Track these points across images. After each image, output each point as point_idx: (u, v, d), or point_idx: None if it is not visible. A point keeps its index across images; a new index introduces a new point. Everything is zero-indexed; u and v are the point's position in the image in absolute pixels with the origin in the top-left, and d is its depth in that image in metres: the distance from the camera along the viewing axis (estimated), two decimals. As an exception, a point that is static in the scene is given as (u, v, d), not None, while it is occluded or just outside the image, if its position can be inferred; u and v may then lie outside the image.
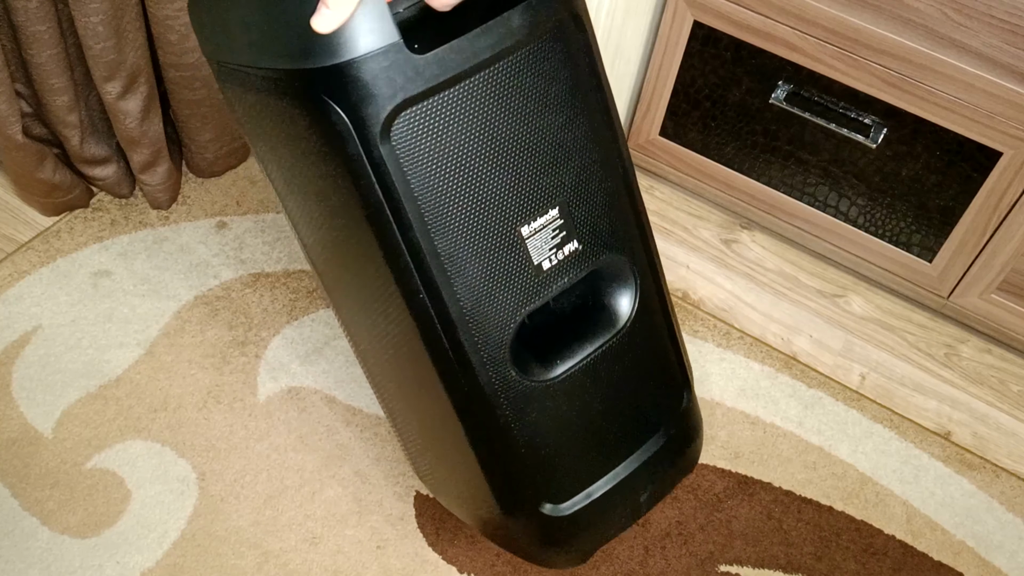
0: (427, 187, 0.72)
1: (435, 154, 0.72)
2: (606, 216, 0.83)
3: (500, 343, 0.80)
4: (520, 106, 0.74)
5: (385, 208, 0.72)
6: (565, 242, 0.81)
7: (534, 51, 0.74)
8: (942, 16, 1.11)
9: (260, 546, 1.07)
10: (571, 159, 0.79)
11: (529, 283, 0.80)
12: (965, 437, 1.27)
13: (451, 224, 0.74)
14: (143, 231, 1.37)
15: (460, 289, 0.77)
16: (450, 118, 0.71)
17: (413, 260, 0.75)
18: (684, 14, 1.30)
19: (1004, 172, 1.18)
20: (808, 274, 1.45)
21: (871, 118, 1.24)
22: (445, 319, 0.78)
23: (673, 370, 0.97)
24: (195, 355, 1.24)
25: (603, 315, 0.89)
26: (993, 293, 1.30)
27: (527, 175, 0.76)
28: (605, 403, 0.91)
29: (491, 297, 0.78)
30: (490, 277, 0.78)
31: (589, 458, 0.93)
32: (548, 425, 0.87)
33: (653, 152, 1.49)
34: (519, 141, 0.75)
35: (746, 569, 1.11)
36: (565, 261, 0.81)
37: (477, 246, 0.76)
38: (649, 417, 0.97)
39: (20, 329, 1.24)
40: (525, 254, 0.79)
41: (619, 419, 0.93)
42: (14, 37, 1.18)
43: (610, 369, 0.90)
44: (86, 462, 1.12)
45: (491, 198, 0.75)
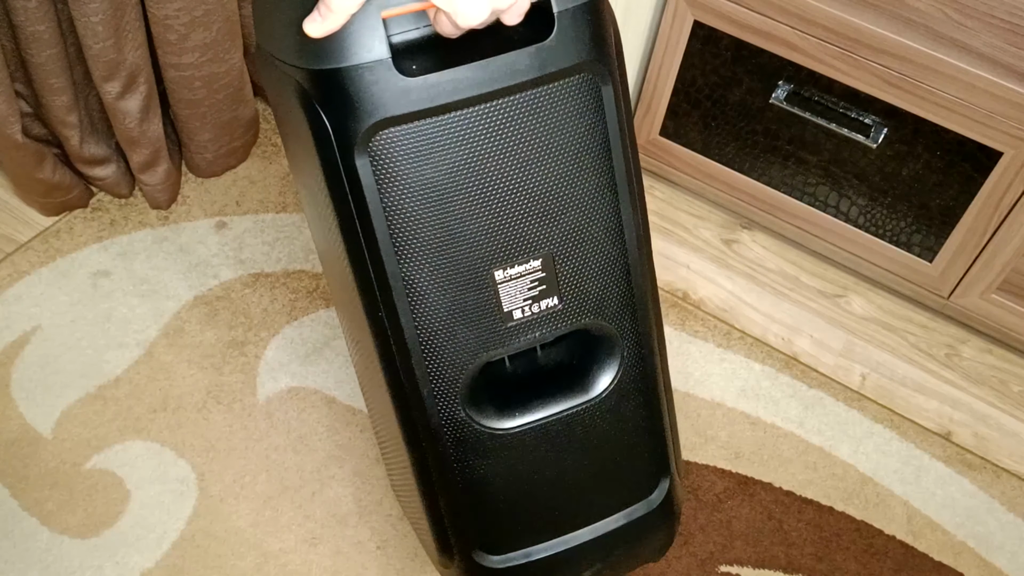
0: (399, 208, 0.70)
1: (413, 178, 0.70)
2: (598, 282, 0.79)
3: (453, 381, 0.78)
4: (515, 149, 0.71)
5: (355, 221, 0.71)
6: (543, 296, 0.78)
7: (542, 96, 0.71)
8: (943, 16, 1.11)
9: (259, 547, 1.07)
10: (565, 215, 0.75)
11: (494, 328, 0.77)
12: (966, 437, 1.27)
13: (419, 250, 0.72)
14: (143, 231, 1.37)
15: (419, 317, 0.75)
16: (434, 145, 0.69)
17: (376, 277, 0.73)
18: (684, 14, 1.29)
19: (1005, 172, 1.18)
20: (809, 274, 1.44)
21: (871, 118, 1.24)
22: (400, 344, 0.76)
23: (649, 457, 0.92)
24: (195, 355, 1.23)
25: (576, 380, 0.85)
26: (994, 293, 1.30)
27: (511, 219, 0.73)
28: (561, 469, 0.87)
29: (450, 332, 0.76)
30: (452, 312, 0.75)
31: (534, 518, 0.89)
32: (493, 475, 0.84)
33: (653, 152, 1.48)
34: (508, 183, 0.72)
35: (746, 569, 1.11)
36: (540, 316, 0.78)
37: (443, 278, 0.74)
38: (612, 496, 0.92)
39: (19, 329, 1.24)
40: (495, 298, 0.76)
41: (575, 489, 0.89)
42: (14, 37, 1.18)
43: (573, 437, 0.85)
44: (85, 462, 1.12)
45: (467, 234, 0.73)
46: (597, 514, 0.92)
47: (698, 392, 1.27)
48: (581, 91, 0.72)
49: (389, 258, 0.72)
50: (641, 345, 0.85)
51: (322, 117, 0.68)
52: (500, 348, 0.78)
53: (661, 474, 0.94)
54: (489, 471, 0.84)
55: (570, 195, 0.75)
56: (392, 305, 0.74)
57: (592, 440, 0.86)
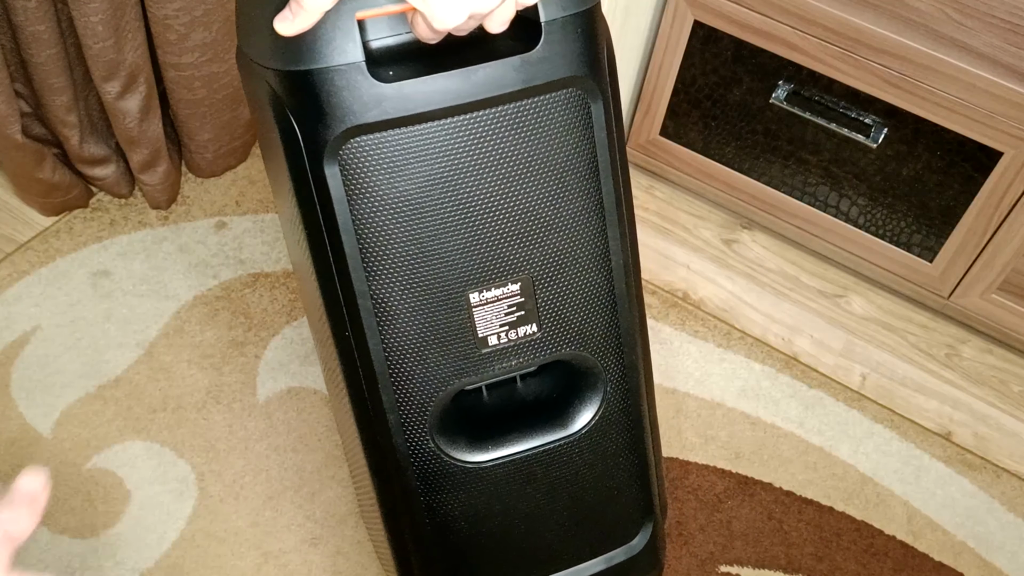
0: (370, 222, 0.66)
1: (385, 190, 0.65)
2: (580, 311, 0.74)
3: (422, 408, 0.73)
4: (495, 164, 0.67)
5: (324, 233, 0.67)
6: (521, 323, 0.73)
7: (526, 110, 0.66)
8: (943, 16, 1.11)
9: (260, 547, 1.07)
10: (547, 237, 0.71)
11: (468, 354, 0.72)
12: (966, 437, 1.27)
13: (389, 267, 0.68)
14: (142, 231, 1.37)
15: (388, 338, 0.70)
16: (409, 157, 0.65)
17: (344, 295, 0.69)
18: (684, 14, 1.29)
19: (1005, 172, 1.18)
20: (809, 274, 1.44)
21: (872, 118, 1.24)
22: (368, 366, 0.71)
23: (631, 499, 0.87)
24: (194, 355, 1.23)
25: (558, 414, 0.80)
26: (994, 293, 1.30)
27: (489, 239, 0.69)
28: (536, 509, 0.82)
29: (421, 356, 0.71)
30: (423, 335, 0.71)
31: (506, 560, 0.84)
32: (463, 512, 0.79)
33: (653, 152, 1.48)
34: (487, 201, 0.68)
35: (746, 570, 1.11)
36: (517, 343, 0.73)
37: (414, 298, 0.69)
38: (590, 539, 0.87)
39: (19, 329, 1.24)
40: (469, 322, 0.71)
41: (551, 531, 0.84)
42: (14, 37, 1.18)
43: (550, 475, 0.80)
44: (85, 463, 1.12)
45: (441, 253, 0.68)
46: (574, 558, 0.87)
47: (698, 392, 1.27)
48: (568, 107, 0.68)
49: (358, 274, 0.68)
50: (626, 380, 0.80)
51: (292, 122, 0.64)
52: (474, 376, 0.73)
53: (644, 518, 0.88)
54: (459, 507, 0.79)
55: (553, 217, 0.71)
56: (360, 325, 0.69)
57: (571, 479, 0.81)
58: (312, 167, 0.65)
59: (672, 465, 1.18)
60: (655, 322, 1.34)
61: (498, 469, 0.78)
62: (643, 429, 0.84)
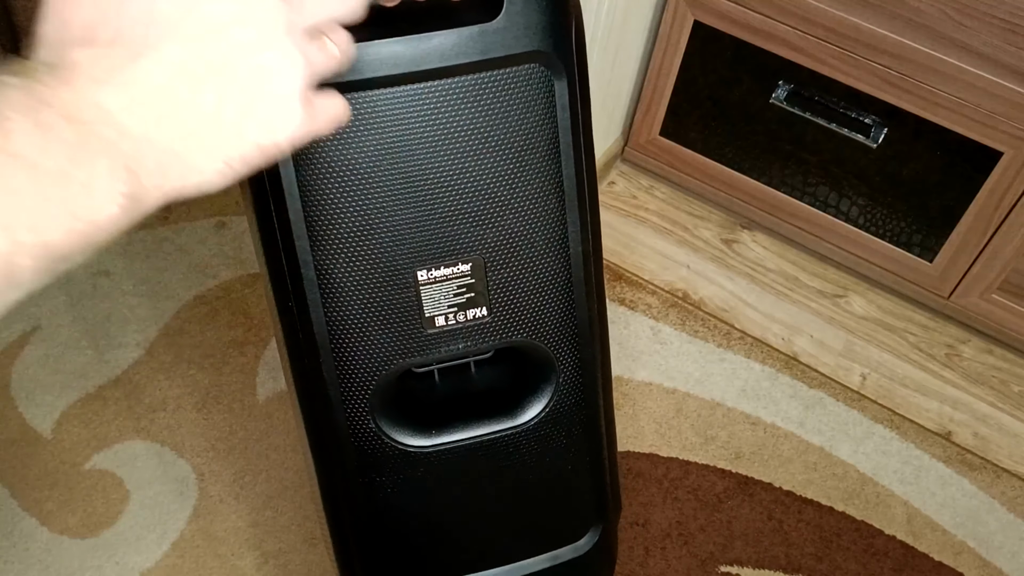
0: (316, 188, 0.64)
1: (333, 155, 0.63)
2: (534, 297, 0.72)
3: (364, 386, 0.71)
4: (449, 138, 0.65)
5: (270, 198, 0.65)
6: (471, 305, 0.71)
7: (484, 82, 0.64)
8: (943, 16, 1.11)
9: (260, 547, 1.07)
10: (502, 218, 0.69)
11: (414, 333, 0.70)
12: (966, 438, 1.27)
13: (335, 237, 0.66)
14: (142, 231, 1.37)
15: (331, 311, 0.68)
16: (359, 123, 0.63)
17: (288, 263, 0.67)
18: (685, 14, 1.29)
19: (1005, 172, 1.18)
20: (809, 274, 1.44)
21: (872, 118, 1.24)
22: (310, 339, 0.69)
23: (580, 498, 0.83)
24: (194, 355, 1.23)
25: (508, 404, 0.78)
26: (994, 293, 1.30)
27: (440, 216, 0.67)
28: (481, 500, 0.80)
29: (364, 333, 0.69)
30: (367, 309, 0.69)
31: (447, 551, 0.83)
32: (404, 498, 0.77)
33: (653, 152, 1.48)
34: (439, 175, 0.66)
35: (746, 570, 1.10)
36: (466, 326, 0.71)
37: (360, 271, 0.67)
38: (536, 536, 0.86)
39: (19, 329, 1.24)
40: (416, 300, 0.69)
41: (495, 523, 0.82)
42: (14, 37, 1.18)
43: (496, 466, 0.78)
44: (85, 462, 1.12)
45: (389, 225, 0.66)
46: (518, 553, 0.85)
47: (698, 392, 1.27)
48: (530, 83, 0.66)
49: (302, 243, 0.66)
50: (581, 373, 0.78)
51: None
52: (419, 356, 0.71)
53: (594, 518, 0.86)
54: (399, 491, 0.77)
55: (509, 197, 0.68)
56: (303, 295, 0.68)
57: (517, 472, 0.79)
58: None
59: (672, 465, 1.18)
60: (655, 322, 1.34)
61: (441, 456, 0.76)
62: (597, 425, 0.82)
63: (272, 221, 0.66)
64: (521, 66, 0.65)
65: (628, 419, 1.22)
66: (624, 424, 1.22)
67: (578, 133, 0.70)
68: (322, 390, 0.71)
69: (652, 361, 1.29)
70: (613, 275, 1.40)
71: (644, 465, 1.18)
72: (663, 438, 1.21)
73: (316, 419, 0.74)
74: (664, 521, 1.13)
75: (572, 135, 0.69)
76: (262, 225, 0.67)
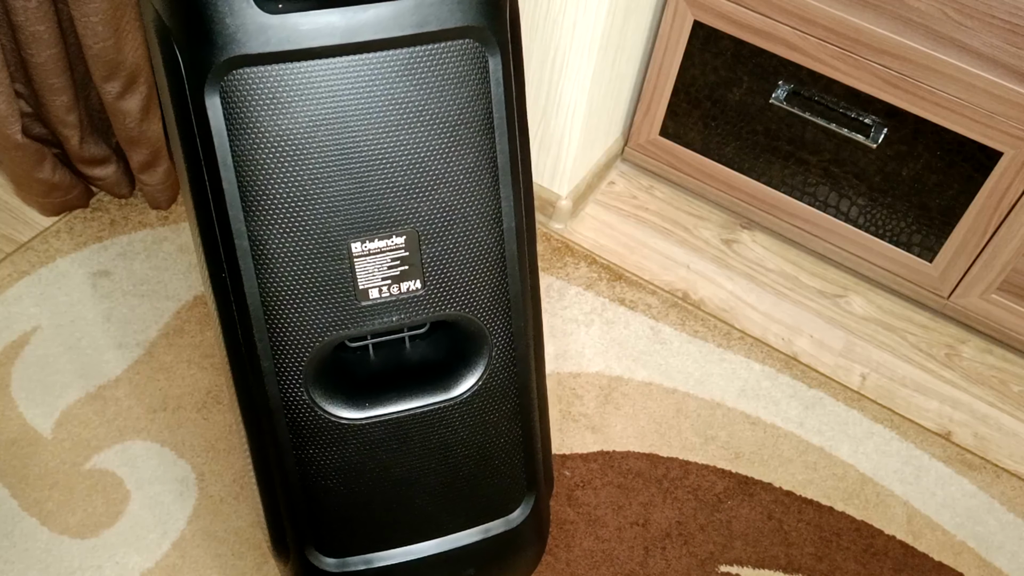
0: (251, 159, 0.64)
1: (267, 126, 0.63)
2: (467, 270, 0.73)
3: (298, 358, 0.71)
4: (384, 110, 0.65)
5: (203, 167, 0.65)
6: (405, 278, 0.72)
7: (419, 56, 0.65)
8: (943, 16, 1.11)
9: (260, 547, 1.07)
10: (435, 191, 0.69)
11: (347, 306, 0.71)
12: (966, 438, 1.27)
13: (269, 207, 0.66)
14: (142, 231, 1.37)
15: (265, 282, 0.68)
16: (293, 93, 0.63)
17: (221, 233, 0.67)
18: (684, 14, 1.29)
19: (1005, 172, 1.18)
20: (809, 274, 1.44)
21: (871, 118, 1.24)
22: (243, 310, 0.69)
23: (513, 471, 0.85)
24: (194, 355, 1.23)
25: (441, 378, 0.78)
26: (994, 293, 1.30)
27: (374, 187, 0.67)
28: (413, 472, 0.80)
29: (298, 304, 0.70)
30: (301, 281, 0.69)
31: (378, 523, 0.83)
32: (335, 468, 0.77)
33: (653, 152, 1.48)
34: (373, 147, 0.66)
35: (746, 569, 1.11)
36: (400, 299, 0.72)
37: (293, 242, 0.67)
38: (468, 509, 0.85)
39: (19, 329, 1.24)
40: (350, 272, 0.70)
41: (427, 496, 0.82)
42: (14, 37, 1.18)
43: (429, 439, 0.78)
44: (85, 462, 1.12)
45: (323, 197, 0.67)
46: (450, 526, 0.85)
47: (698, 392, 1.27)
48: (464, 58, 0.67)
49: (235, 212, 0.66)
50: (513, 347, 0.78)
51: (174, 47, 0.62)
52: (352, 328, 0.72)
53: (526, 491, 0.87)
54: (331, 464, 0.77)
55: (443, 171, 0.69)
56: (236, 266, 0.68)
57: (450, 445, 0.80)
58: (193, 97, 0.63)
59: (672, 465, 1.18)
60: (655, 322, 1.34)
61: (374, 428, 0.76)
62: (529, 399, 0.82)
63: (206, 192, 0.66)
64: (455, 41, 0.66)
65: (628, 419, 1.22)
66: (624, 424, 1.22)
67: (512, 109, 0.70)
68: (255, 362, 0.71)
69: (652, 361, 1.29)
70: (613, 275, 1.40)
71: (644, 465, 1.18)
72: (663, 438, 1.21)
73: (249, 391, 0.74)
74: (664, 521, 1.13)
75: (506, 110, 0.70)
76: (196, 196, 0.67)
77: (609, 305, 1.36)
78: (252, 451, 0.78)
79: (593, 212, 1.49)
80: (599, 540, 1.10)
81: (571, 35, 1.20)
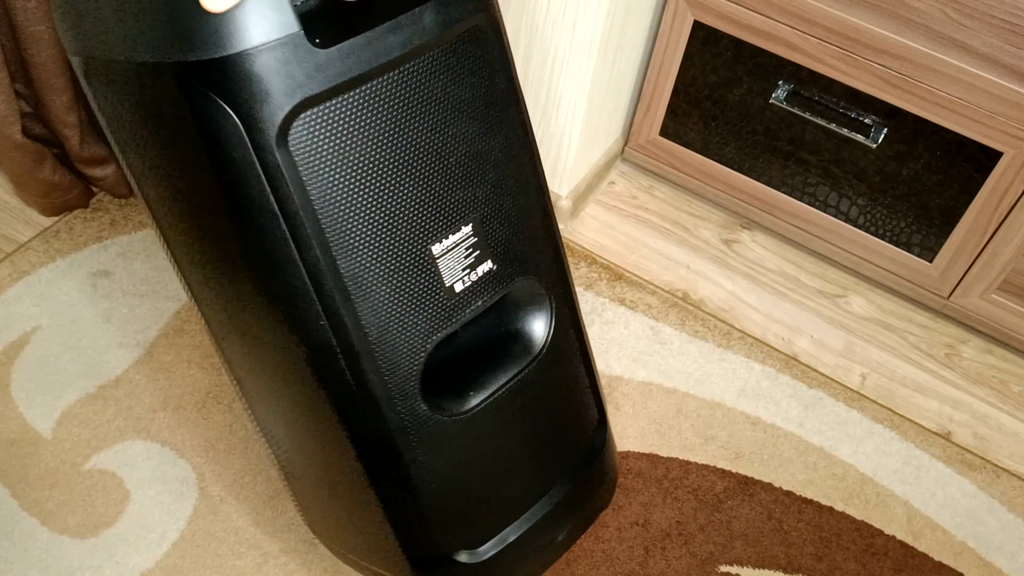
0: (329, 199, 0.64)
1: (339, 162, 0.63)
2: (520, 236, 0.76)
3: (410, 374, 0.73)
4: (432, 112, 0.67)
5: (281, 222, 0.64)
6: (479, 262, 0.74)
7: (448, 53, 0.67)
8: (943, 16, 1.11)
9: (260, 547, 1.07)
10: (485, 173, 0.72)
11: (441, 306, 0.72)
12: (966, 438, 1.27)
13: (356, 241, 0.66)
14: (143, 231, 1.37)
15: (365, 315, 0.68)
16: (356, 121, 0.63)
17: (312, 282, 0.66)
18: (684, 14, 1.29)
19: (1005, 172, 1.18)
20: (809, 274, 1.44)
21: (871, 118, 1.24)
22: (348, 349, 0.69)
23: (589, 402, 0.90)
24: (194, 355, 1.23)
25: (517, 342, 0.82)
26: (994, 293, 1.30)
27: (439, 188, 0.69)
28: (520, 439, 0.84)
29: (401, 322, 0.70)
30: (399, 300, 0.70)
31: (504, 499, 0.86)
32: (461, 465, 0.80)
33: (653, 152, 1.48)
34: (431, 150, 0.68)
35: (746, 569, 1.11)
36: (479, 282, 0.74)
37: (385, 266, 0.68)
38: (565, 454, 0.89)
39: (19, 329, 1.24)
40: (437, 275, 0.71)
41: (534, 456, 0.86)
42: (14, 37, 1.18)
43: (525, 401, 0.82)
44: (85, 462, 1.12)
45: (401, 213, 0.68)
46: (557, 476, 0.89)
47: (698, 392, 1.27)
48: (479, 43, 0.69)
49: (326, 256, 0.66)
50: (564, 292, 0.84)
51: (226, 111, 0.59)
52: (448, 326, 0.73)
53: (600, 423, 0.93)
54: (457, 463, 0.79)
55: (487, 151, 0.72)
56: (335, 309, 0.67)
57: (542, 398, 0.84)
58: (259, 155, 0.61)
59: (672, 465, 1.18)
60: (655, 322, 1.34)
61: (483, 412, 0.79)
62: (581, 333, 0.87)
63: (287, 243, 0.65)
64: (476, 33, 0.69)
65: (628, 419, 1.22)
66: (624, 424, 1.22)
67: (515, 77, 0.75)
68: (369, 391, 0.72)
69: (652, 361, 1.29)
70: (613, 275, 1.40)
71: (644, 465, 1.18)
72: (663, 438, 1.21)
73: (363, 420, 0.74)
74: (664, 521, 1.13)
75: (514, 81, 0.74)
76: (274, 249, 0.65)
77: (609, 305, 1.36)
78: (374, 480, 0.78)
79: (593, 212, 1.49)
80: (599, 540, 1.10)
81: (571, 35, 1.20)
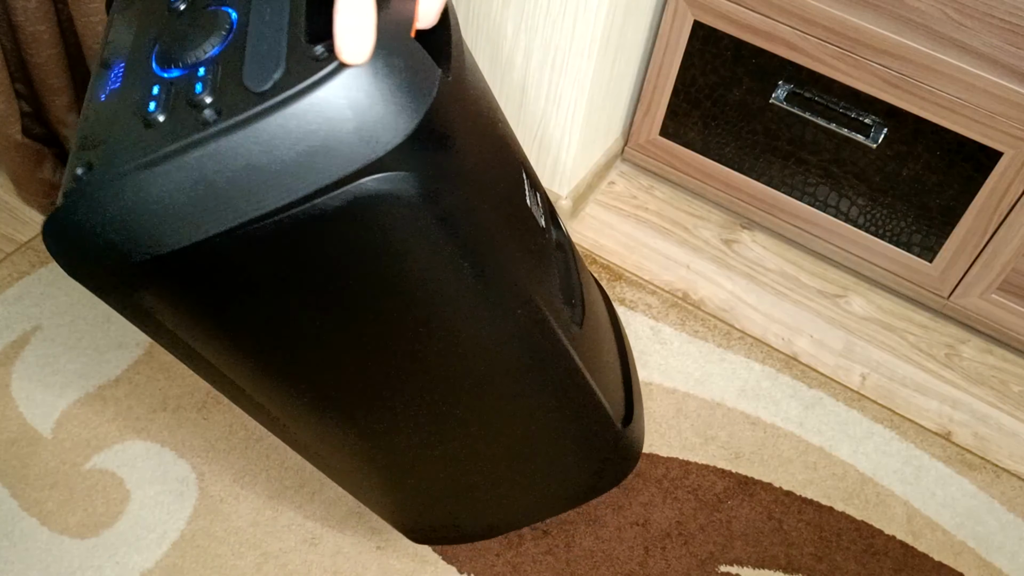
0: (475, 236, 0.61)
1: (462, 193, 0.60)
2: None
3: (561, 305, 0.78)
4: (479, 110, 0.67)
5: (466, 269, 0.61)
6: (534, 191, 0.78)
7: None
8: (943, 16, 1.11)
9: (260, 547, 1.07)
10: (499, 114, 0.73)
11: (547, 244, 0.79)
12: (966, 438, 1.27)
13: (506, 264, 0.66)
14: (143, 231, 1.37)
15: (535, 288, 0.71)
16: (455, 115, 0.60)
17: (548, 342, 0.72)
18: (684, 14, 1.29)
19: (1005, 172, 1.18)
20: (809, 274, 1.44)
21: (871, 118, 1.24)
22: (572, 371, 0.79)
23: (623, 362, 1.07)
24: (195, 355, 1.23)
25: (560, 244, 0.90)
26: (994, 293, 1.30)
27: (503, 152, 0.72)
28: (602, 346, 0.96)
29: (543, 271, 0.75)
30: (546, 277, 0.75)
31: (614, 388, 0.99)
32: (596, 360, 0.89)
33: (653, 152, 1.48)
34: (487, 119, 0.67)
35: (746, 570, 1.10)
36: (540, 211, 0.80)
37: (529, 258, 0.70)
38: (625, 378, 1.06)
39: (19, 329, 1.24)
40: (539, 228, 0.76)
41: (613, 366, 1.00)
42: (14, 37, 1.18)
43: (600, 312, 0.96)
44: (85, 462, 1.12)
45: (502, 199, 0.68)
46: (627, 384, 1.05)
47: (698, 392, 1.27)
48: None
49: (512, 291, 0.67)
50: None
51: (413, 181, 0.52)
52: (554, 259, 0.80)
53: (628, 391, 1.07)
54: (594, 360, 0.89)
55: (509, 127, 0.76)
56: (554, 337, 0.73)
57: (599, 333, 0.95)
58: (435, 216, 0.56)
59: (672, 465, 1.18)
60: (655, 322, 1.34)
61: (587, 319, 0.88)
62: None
63: (467, 279, 0.61)
64: None
65: (628, 419, 1.22)
66: (624, 424, 1.22)
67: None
68: (592, 398, 0.83)
69: (652, 361, 1.29)
70: (613, 275, 1.40)
71: (644, 465, 1.18)
72: (663, 438, 1.21)
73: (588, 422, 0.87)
74: (664, 521, 1.13)
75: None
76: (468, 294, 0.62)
77: (609, 305, 1.36)
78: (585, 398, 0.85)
79: (593, 212, 1.49)
80: (599, 540, 1.10)
81: (571, 35, 1.20)
